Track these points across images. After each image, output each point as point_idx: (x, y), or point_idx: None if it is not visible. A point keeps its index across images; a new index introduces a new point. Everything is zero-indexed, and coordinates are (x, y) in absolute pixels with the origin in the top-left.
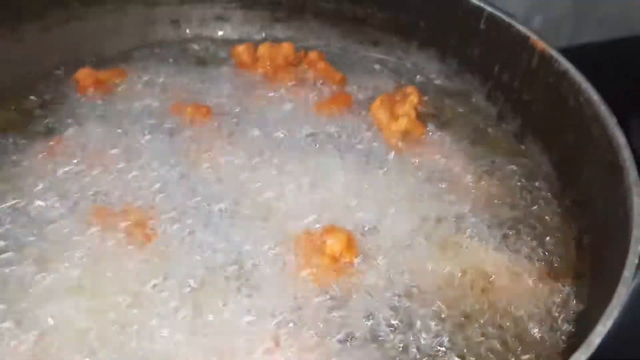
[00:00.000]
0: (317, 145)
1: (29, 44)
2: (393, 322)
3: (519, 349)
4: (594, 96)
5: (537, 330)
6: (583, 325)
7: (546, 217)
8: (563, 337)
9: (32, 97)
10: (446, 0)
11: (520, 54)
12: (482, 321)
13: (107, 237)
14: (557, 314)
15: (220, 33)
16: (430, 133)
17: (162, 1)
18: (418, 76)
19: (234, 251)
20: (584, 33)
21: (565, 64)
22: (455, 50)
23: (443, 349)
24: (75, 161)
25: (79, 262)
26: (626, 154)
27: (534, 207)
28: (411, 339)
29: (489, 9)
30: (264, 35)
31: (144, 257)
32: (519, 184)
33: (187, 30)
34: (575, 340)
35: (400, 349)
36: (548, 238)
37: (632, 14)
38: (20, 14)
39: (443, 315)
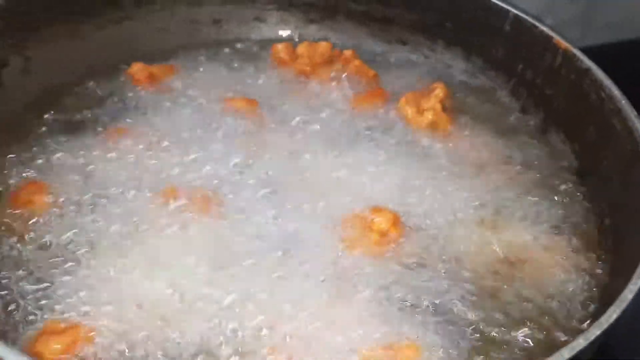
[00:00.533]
0: (356, 136)
1: (88, 41)
2: (437, 291)
3: (549, 315)
4: (615, 91)
5: (565, 298)
6: (609, 293)
7: (569, 201)
8: (591, 304)
9: (91, 89)
10: (472, 2)
11: (544, 53)
12: (516, 290)
13: (179, 213)
14: (584, 286)
15: (257, 33)
16: (457, 125)
17: (205, 2)
18: (444, 73)
19: (290, 227)
20: (591, 36)
21: (588, 62)
22: (480, 49)
23: (481, 314)
24: (137, 147)
25: (157, 235)
26: None
27: (558, 192)
28: (456, 306)
29: (514, 11)
30: (298, 35)
31: (212, 230)
32: (543, 171)
33: (228, 30)
34: (603, 307)
35: (445, 315)
36: (572, 219)
37: (637, 18)
38: (81, 14)
39: (481, 284)
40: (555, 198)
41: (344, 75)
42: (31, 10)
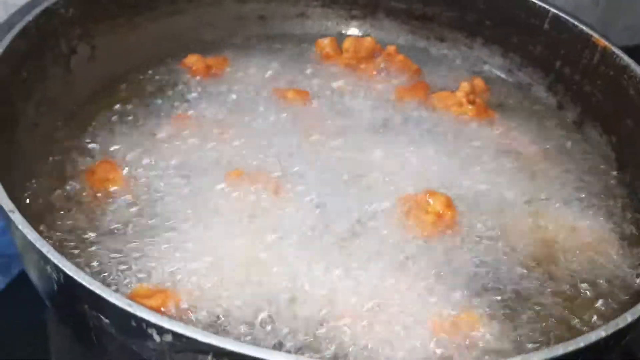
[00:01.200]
0: (403, 125)
1: (145, 32)
2: (493, 267)
3: (597, 292)
4: None
5: (609, 277)
6: None
7: (609, 189)
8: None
9: (151, 78)
10: (511, 1)
11: (582, 51)
12: (565, 269)
13: (245, 193)
14: (627, 267)
15: (301, 29)
16: (496, 119)
17: None
18: (481, 69)
19: (348, 207)
20: (610, 39)
21: (627, 59)
22: (518, 46)
23: (534, 289)
24: (200, 132)
25: (230, 209)
26: None
27: (598, 181)
28: (511, 282)
29: (553, 10)
30: (340, 31)
31: (278, 209)
32: (582, 161)
33: (273, 25)
34: None
35: (500, 289)
36: (611, 206)
37: None
38: (139, 7)
39: (532, 262)
40: (596, 186)
41: (388, 69)
42: (98, 1)
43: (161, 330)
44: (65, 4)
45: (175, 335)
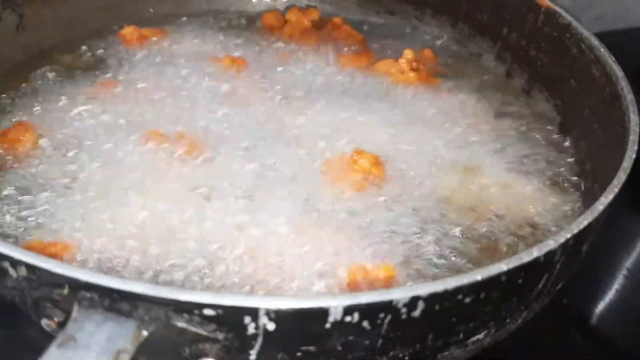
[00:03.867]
0: (342, 91)
1: (79, 3)
2: (412, 225)
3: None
4: (595, 42)
5: (542, 227)
6: None
7: (551, 150)
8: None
9: (84, 48)
10: None
11: (527, 14)
12: (492, 222)
13: (162, 152)
14: (553, 221)
15: (247, 4)
16: (441, 87)
17: None
18: (432, 41)
19: (274, 166)
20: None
21: (568, 17)
22: (466, 16)
23: (454, 243)
24: (126, 98)
25: (141, 171)
26: (623, 83)
27: (540, 143)
28: (430, 236)
29: None
30: (287, 4)
31: (194, 169)
32: (526, 125)
33: (218, 1)
34: None
35: (419, 242)
36: (554, 165)
37: (625, 10)
38: None
39: (456, 220)
40: (538, 147)
41: (333, 39)
42: None
43: (14, 262)
44: None
45: (29, 267)
